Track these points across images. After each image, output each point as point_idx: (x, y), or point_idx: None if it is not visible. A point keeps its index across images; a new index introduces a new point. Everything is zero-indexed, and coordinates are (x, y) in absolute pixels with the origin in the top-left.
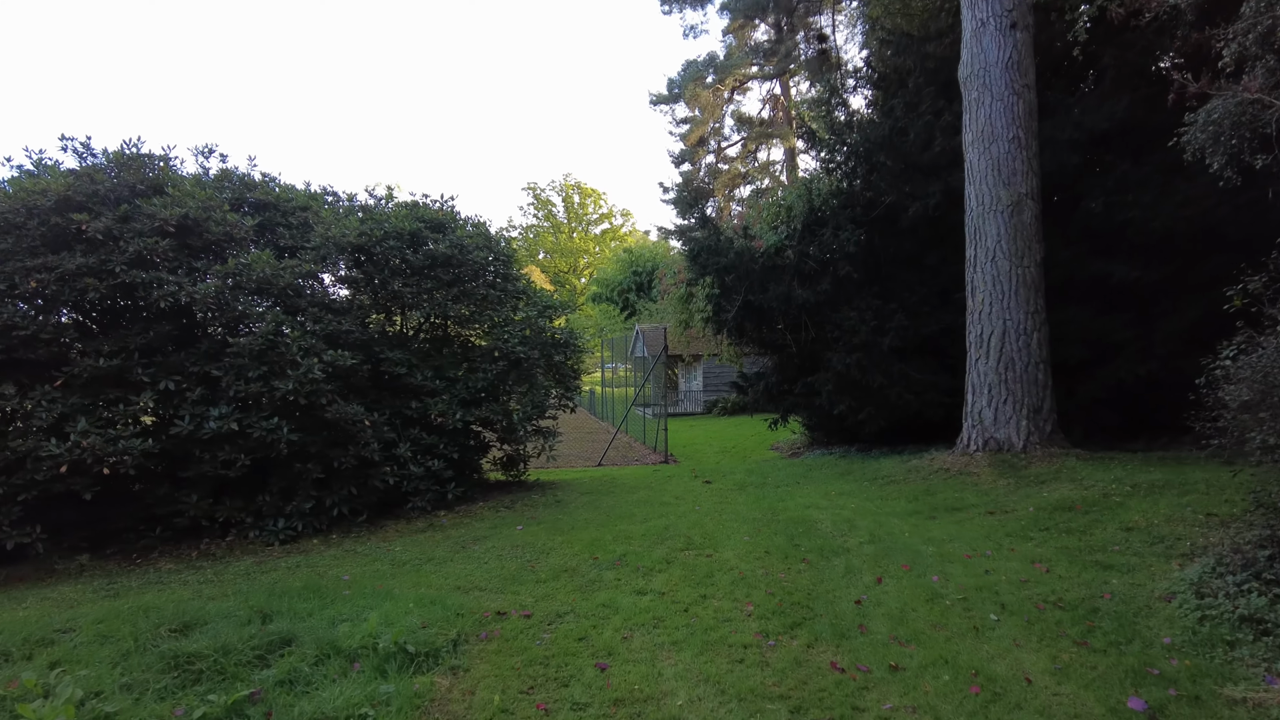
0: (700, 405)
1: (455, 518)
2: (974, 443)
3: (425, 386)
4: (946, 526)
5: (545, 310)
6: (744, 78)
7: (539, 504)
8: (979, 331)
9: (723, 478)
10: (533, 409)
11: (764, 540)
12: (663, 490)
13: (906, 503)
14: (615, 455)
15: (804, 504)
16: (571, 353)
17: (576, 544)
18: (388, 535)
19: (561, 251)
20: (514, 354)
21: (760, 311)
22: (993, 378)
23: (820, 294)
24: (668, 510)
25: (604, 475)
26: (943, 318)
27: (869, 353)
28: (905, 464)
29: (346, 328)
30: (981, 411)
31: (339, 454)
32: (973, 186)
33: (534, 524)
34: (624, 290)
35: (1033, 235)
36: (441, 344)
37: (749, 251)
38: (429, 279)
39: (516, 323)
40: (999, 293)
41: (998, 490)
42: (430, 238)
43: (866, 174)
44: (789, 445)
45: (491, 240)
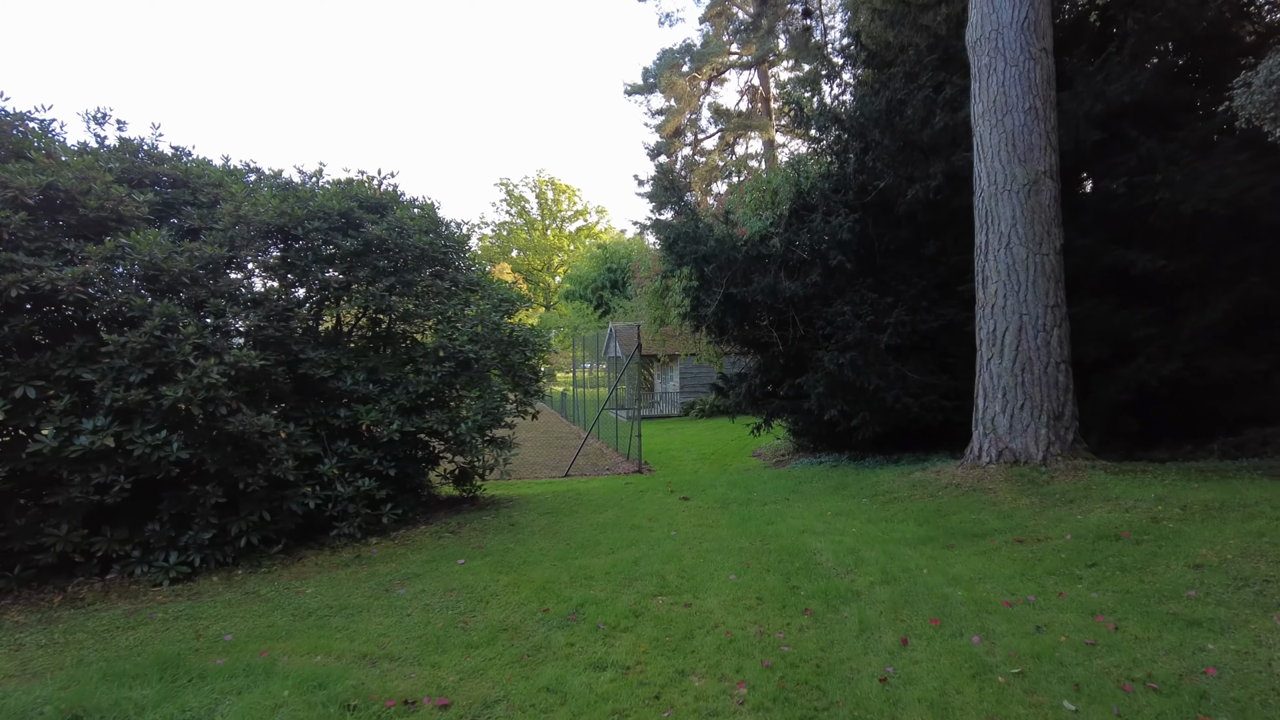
0: (677, 407)
1: (389, 546)
2: (986, 453)
3: (356, 392)
4: (970, 559)
5: (501, 304)
6: (721, 66)
7: (490, 528)
8: (991, 327)
9: (702, 492)
10: (484, 416)
11: (754, 580)
12: (634, 509)
13: (916, 526)
14: (585, 464)
15: (797, 527)
16: (531, 351)
17: (525, 587)
18: (304, 570)
19: (535, 249)
20: (462, 353)
21: (743, 305)
22: (1008, 380)
23: (809, 286)
24: (639, 537)
25: (570, 489)
26: (942, 313)
27: (864, 352)
28: (906, 477)
29: (256, 323)
30: (995, 418)
31: (246, 473)
32: (983, 164)
33: (479, 557)
34: (598, 287)
35: (1051, 218)
36: (383, 342)
37: (731, 239)
38: (364, 267)
39: (467, 318)
40: (1014, 283)
41: (1021, 511)
42: (366, 220)
43: (860, 154)
44: (773, 452)
45: (440, 224)
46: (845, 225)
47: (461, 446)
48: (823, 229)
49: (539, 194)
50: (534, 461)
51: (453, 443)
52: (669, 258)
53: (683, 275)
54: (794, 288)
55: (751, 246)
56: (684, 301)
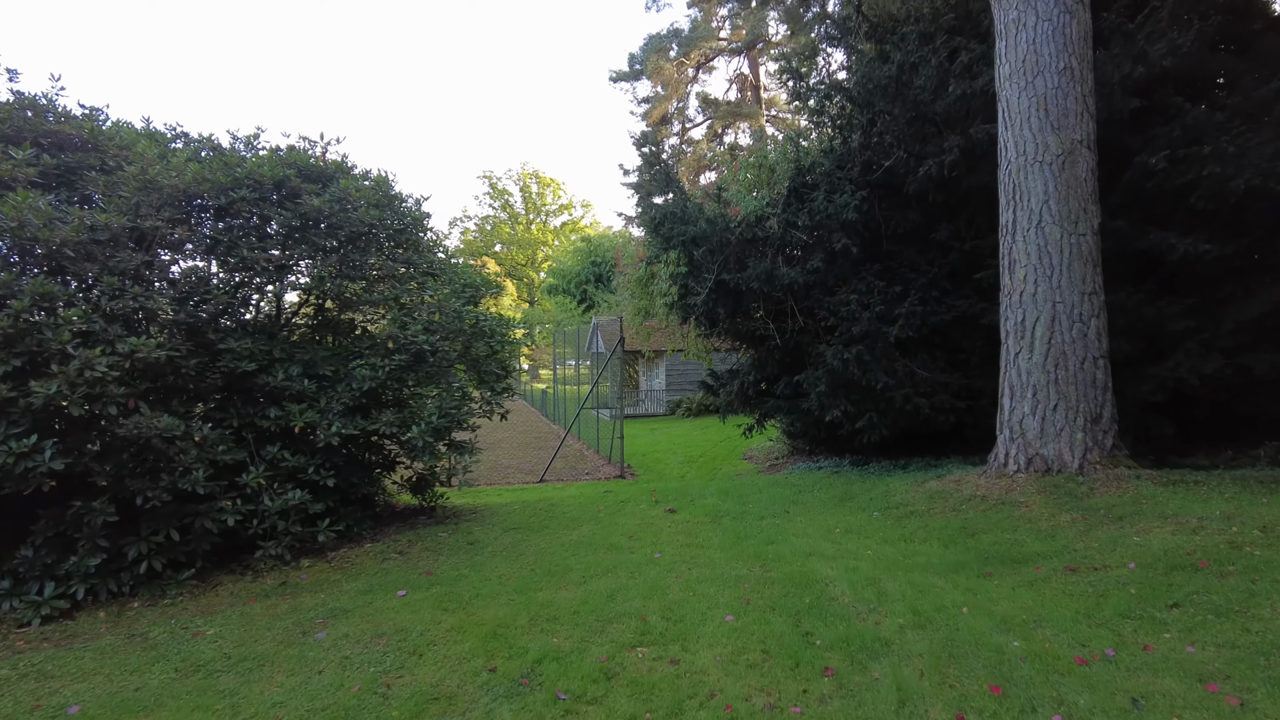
0: (663, 406)
1: (323, 570)
2: (1013, 461)
3: (289, 389)
4: (1016, 593)
5: (464, 290)
6: (710, 52)
7: (444, 547)
8: (1019, 318)
9: (690, 503)
10: (441, 418)
11: (757, 623)
12: (613, 524)
13: (941, 548)
14: (563, 467)
15: (802, 548)
16: (498, 343)
17: (472, 632)
18: (215, 602)
19: (519, 243)
20: (414, 345)
21: (736, 294)
22: (1038, 377)
23: (810, 273)
24: (617, 561)
25: (542, 498)
26: (955, 304)
27: (871, 346)
28: (921, 486)
29: (164, 307)
30: (1023, 420)
31: (145, 486)
32: (1010, 132)
33: (424, 586)
34: (581, 281)
35: (1088, 193)
36: (330, 332)
37: (723, 219)
38: (302, 244)
39: (424, 305)
40: (1046, 267)
41: (1063, 530)
42: (305, 190)
43: (866, 127)
44: (765, 454)
45: (395, 199)
46: (851, 204)
47: (414, 452)
48: (825, 209)
49: (523, 187)
50: (507, 464)
51: (405, 448)
52: (655, 241)
53: (670, 260)
54: (793, 274)
55: (746, 228)
56: (671, 290)
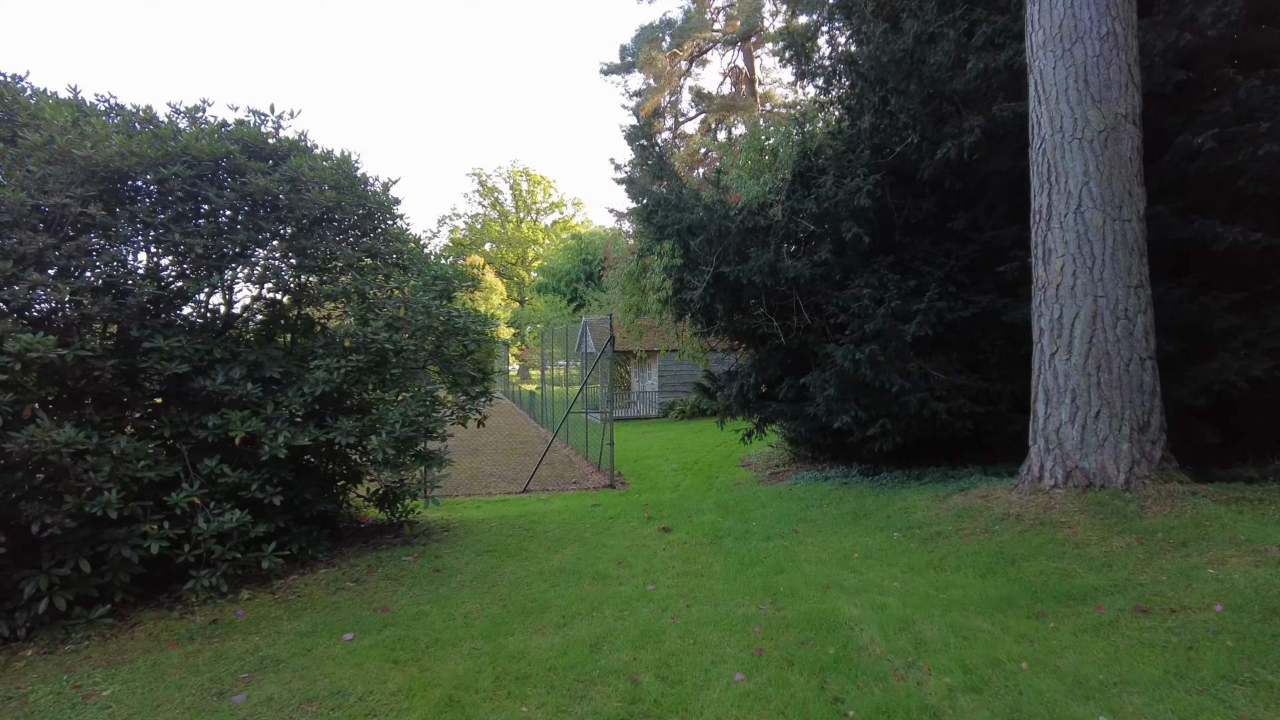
0: (655, 408)
1: (265, 603)
2: (1049, 474)
3: (230, 394)
4: (1083, 643)
5: (435, 282)
6: (703, 43)
7: (407, 575)
8: (1055, 314)
9: (687, 520)
10: (405, 426)
11: (772, 683)
12: (600, 546)
13: (979, 578)
14: (549, 475)
15: (818, 579)
16: (472, 342)
17: (422, 700)
18: (126, 649)
19: (509, 242)
20: (375, 343)
21: (736, 288)
22: (1078, 380)
23: (817, 265)
24: (604, 595)
25: (524, 513)
26: (973, 300)
27: (885, 345)
28: (943, 502)
29: (74, 299)
30: (1060, 429)
31: (43, 510)
32: (1044, 107)
33: (376, 629)
34: (572, 280)
35: (1134, 174)
36: (289, 329)
37: (722, 206)
38: (247, 229)
39: (389, 299)
40: (1087, 257)
41: (1118, 558)
42: (251, 168)
43: (878, 106)
44: (765, 461)
45: (357, 181)
46: (864, 189)
47: (375, 465)
48: (834, 195)
49: (513, 185)
50: (490, 472)
51: (365, 460)
52: (647, 231)
53: (664, 252)
54: (799, 266)
55: (748, 216)
56: (665, 284)
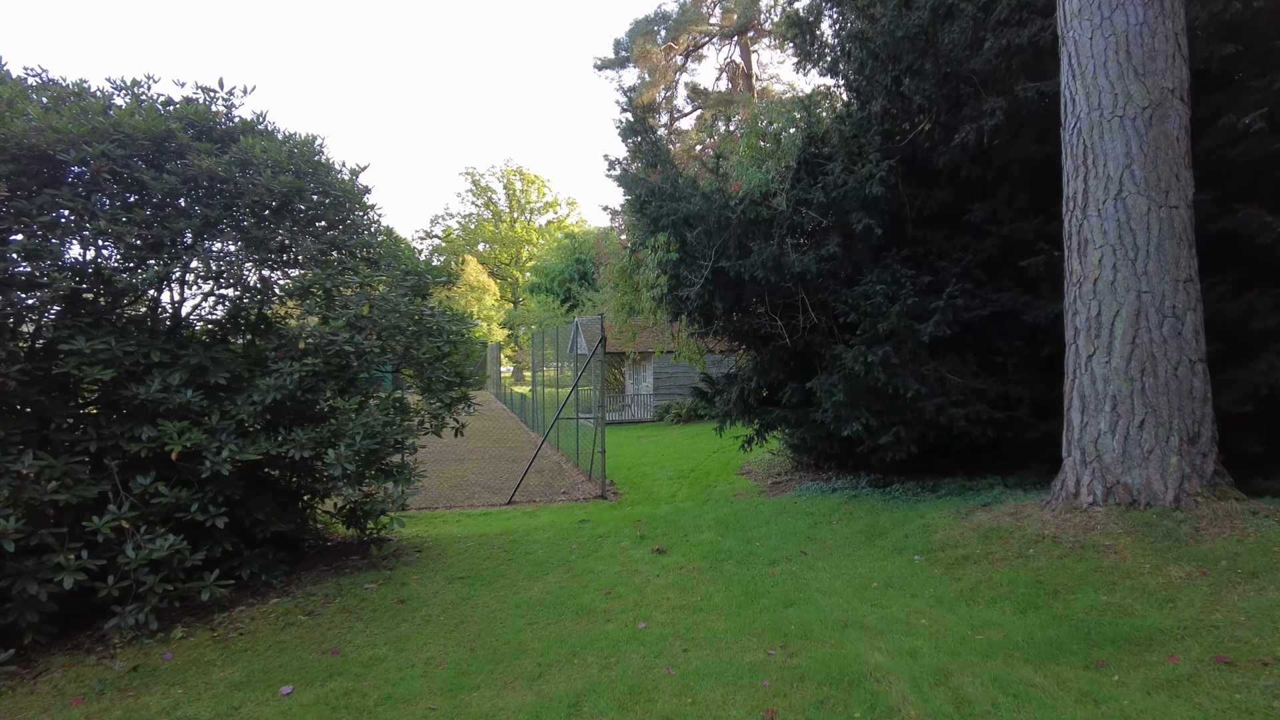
0: (650, 411)
1: (202, 642)
2: (1087, 490)
3: (167, 402)
4: (1160, 706)
5: (406, 278)
6: (699, 36)
7: (367, 607)
8: (1093, 311)
9: (683, 540)
10: (367, 438)
11: None
12: (587, 571)
13: (1018, 614)
14: (537, 485)
15: (834, 614)
16: (447, 343)
17: None
18: (21, 707)
19: (502, 241)
20: (333, 345)
21: (737, 285)
22: (1119, 385)
23: (825, 260)
24: (588, 635)
25: (507, 529)
26: (991, 298)
27: (900, 347)
28: (965, 519)
29: None
30: (1099, 439)
31: None
32: (1079, 82)
33: (321, 678)
34: (565, 280)
35: (1181, 156)
36: (247, 330)
37: (721, 196)
38: (189, 217)
39: (350, 297)
40: (1129, 249)
41: (1180, 591)
42: (195, 149)
43: (891, 87)
44: (765, 470)
45: (320, 167)
46: (876, 175)
47: (332, 482)
48: (843, 183)
49: (506, 184)
50: (474, 481)
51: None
52: (640, 223)
53: (658, 245)
54: (804, 261)
55: (749, 206)
56: (660, 281)
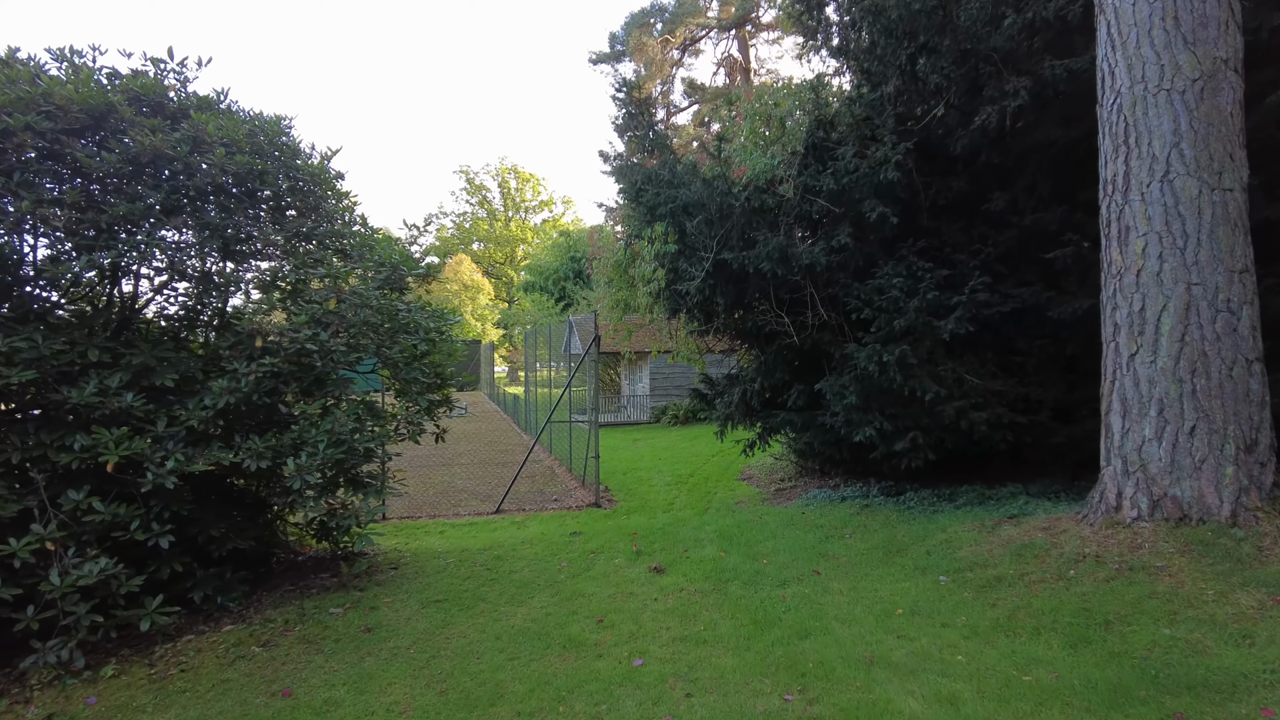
0: (647, 413)
1: (136, 681)
2: (1130, 503)
3: (100, 407)
4: None
5: (379, 270)
6: (696, 29)
7: (330, 636)
8: (1136, 306)
9: (683, 556)
10: (332, 447)
11: None
12: (577, 594)
13: (1068, 651)
14: (528, 491)
15: (856, 649)
16: (424, 341)
17: None
18: None
19: (497, 240)
20: (293, 347)
21: (740, 278)
22: (1166, 387)
23: (835, 251)
24: (576, 675)
25: (492, 542)
26: (1012, 293)
27: (918, 345)
28: (992, 533)
29: None
30: (1143, 447)
31: None
32: (1120, 53)
33: None
34: (560, 278)
35: (1235, 134)
36: (207, 327)
37: (724, 183)
38: (133, 201)
39: (318, 290)
40: (1177, 235)
41: (1253, 622)
42: (138, 124)
43: (905, 66)
44: (768, 475)
45: (286, 149)
46: (892, 159)
47: (291, 495)
48: (855, 168)
49: (501, 183)
50: (461, 488)
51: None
52: (636, 213)
53: (655, 236)
54: (814, 253)
55: (753, 193)
56: (656, 274)
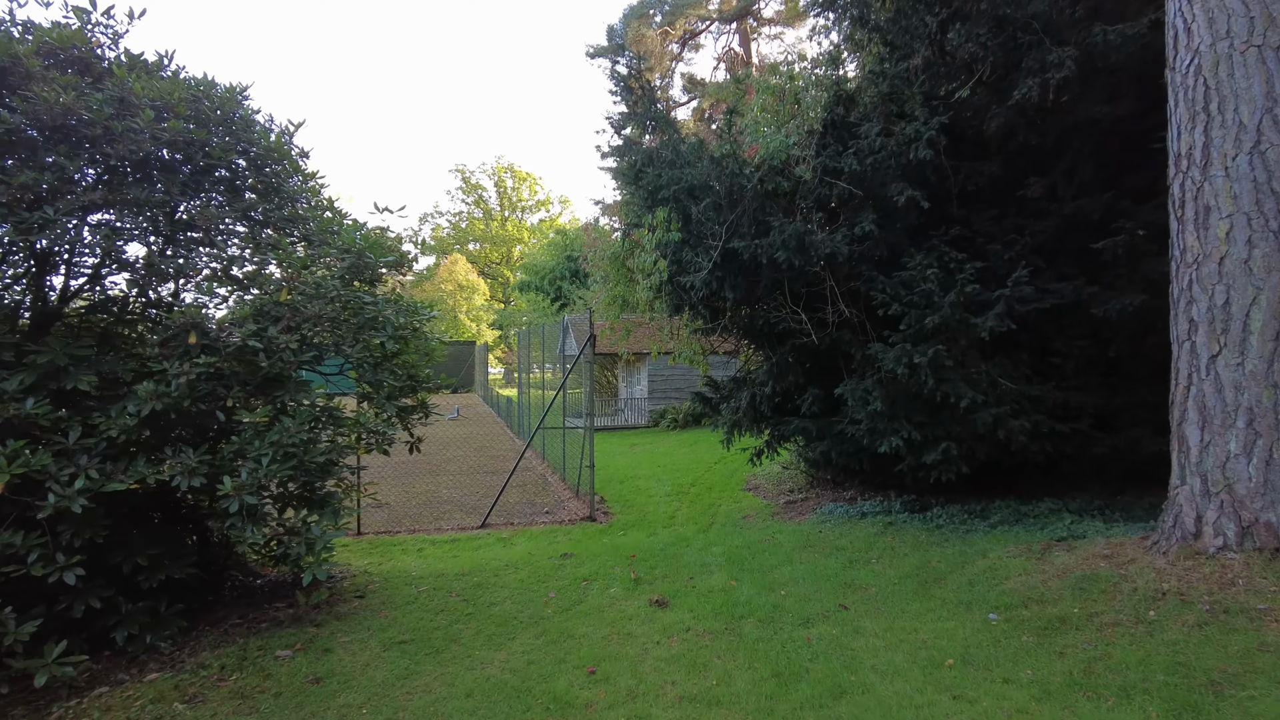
0: (645, 416)
1: None
2: (1214, 529)
3: None
4: None
5: (344, 256)
6: (697, 21)
7: (270, 690)
8: (1218, 299)
9: (689, 585)
10: (278, 464)
11: None
12: (565, 636)
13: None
14: (518, 501)
15: (904, 716)
16: (393, 337)
17: None
18: None
19: (493, 240)
20: (233, 345)
21: (752, 269)
22: (1257, 394)
23: (858, 240)
24: None
25: (472, 566)
26: (1051, 288)
27: (953, 345)
28: (1042, 560)
29: None
30: (1228, 464)
31: None
32: (1198, 6)
33: None
34: (556, 278)
35: None
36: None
37: (734, 161)
38: (40, 171)
39: (270, 280)
40: (1270, 216)
41: None
42: (48, 80)
43: (935, 36)
44: (775, 484)
45: (238, 122)
46: (925, 135)
47: (229, 519)
48: (881, 147)
49: (497, 182)
50: (446, 498)
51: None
52: (635, 198)
53: (656, 223)
54: (834, 242)
55: (768, 174)
56: (658, 266)
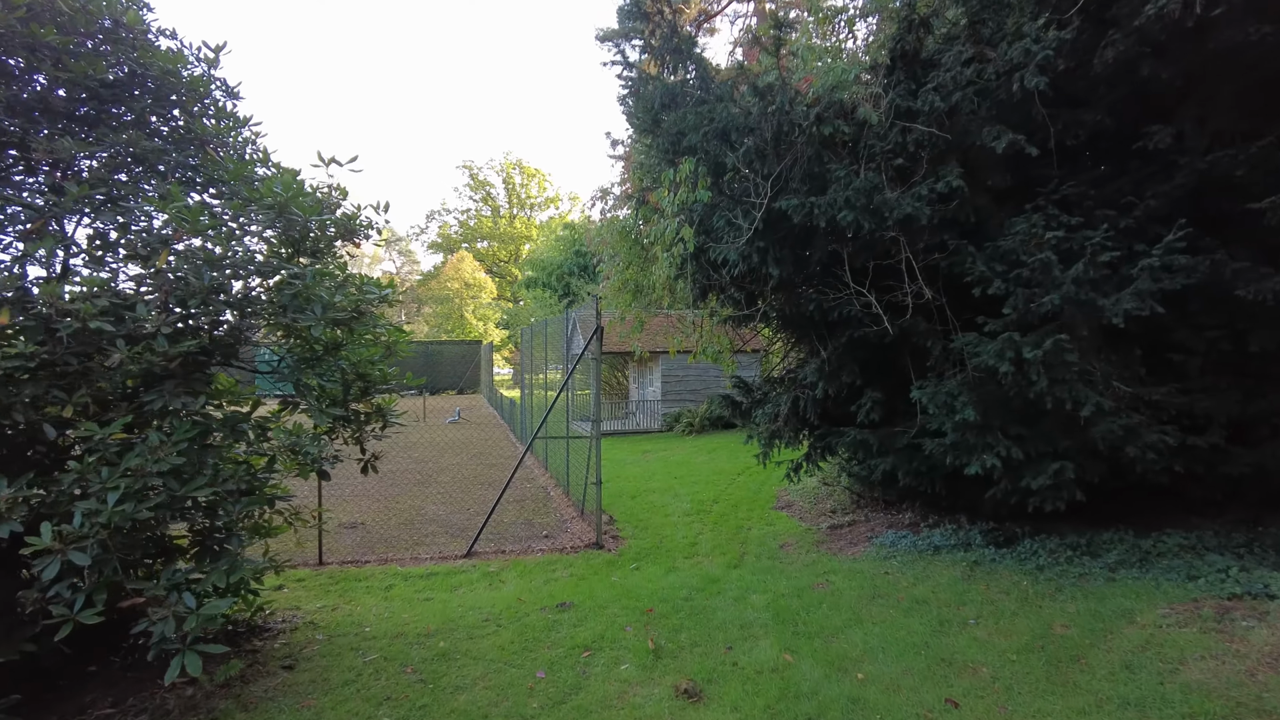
0: (658, 420)
1: None
2: None
3: None
4: None
5: (267, 213)
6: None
7: None
8: None
9: (727, 662)
10: (128, 501)
11: None
12: None
13: None
14: (514, 519)
15: None
16: (318, 322)
17: None
18: None
19: (502, 238)
20: (70, 328)
21: (803, 237)
22: None
23: (942, 198)
24: None
25: (444, 622)
26: (1182, 264)
27: (1075, 334)
28: (1222, 629)
29: None
30: None
31: None
32: None
33: None
34: (564, 274)
35: None
36: None
37: (781, 93)
38: None
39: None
40: None
41: None
42: None
43: None
44: (812, 503)
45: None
46: (1037, 56)
47: (49, 589)
48: (967, 80)
49: (506, 178)
50: (431, 516)
51: None
52: (653, 149)
53: (681, 178)
54: (913, 201)
55: (824, 116)
56: (683, 235)
